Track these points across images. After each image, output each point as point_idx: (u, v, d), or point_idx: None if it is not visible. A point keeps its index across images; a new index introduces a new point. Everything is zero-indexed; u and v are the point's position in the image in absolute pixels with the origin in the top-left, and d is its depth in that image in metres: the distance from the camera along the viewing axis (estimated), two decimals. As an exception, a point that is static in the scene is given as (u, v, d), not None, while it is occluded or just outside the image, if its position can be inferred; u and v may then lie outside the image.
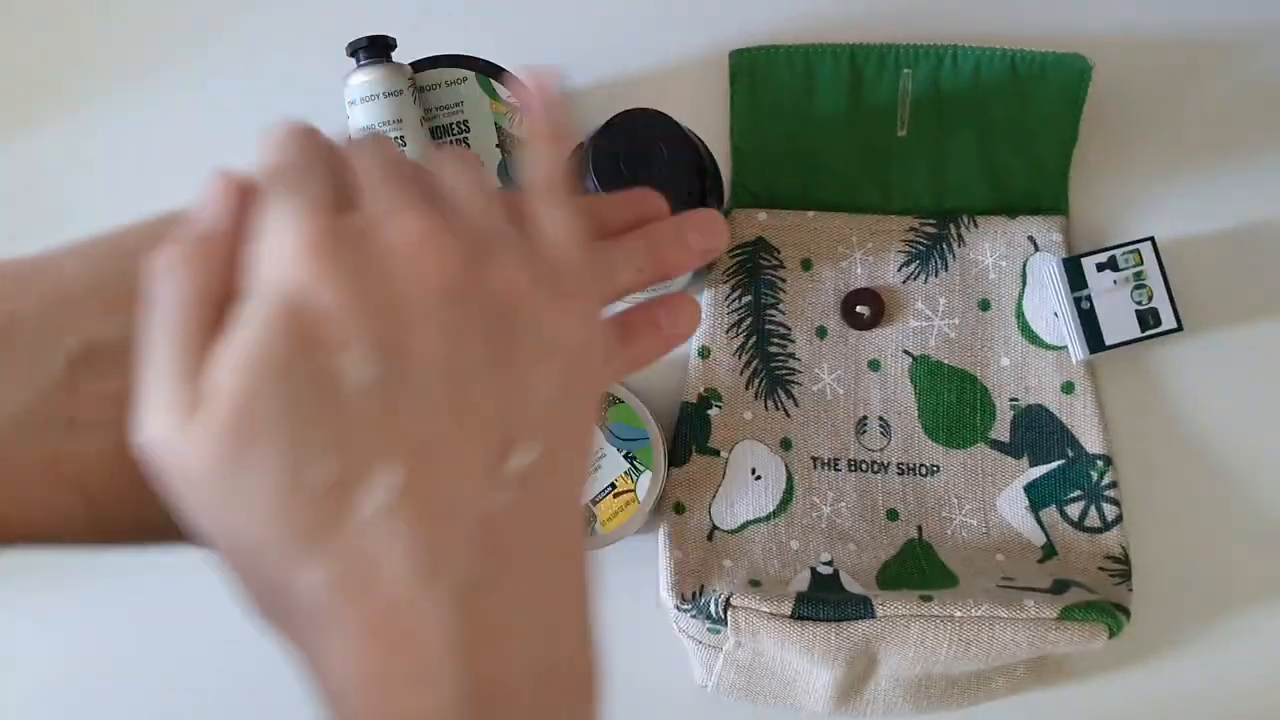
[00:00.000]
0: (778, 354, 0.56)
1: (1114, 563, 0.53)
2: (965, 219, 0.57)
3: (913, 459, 0.56)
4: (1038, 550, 0.54)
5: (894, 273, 0.57)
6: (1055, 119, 0.57)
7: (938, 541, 0.54)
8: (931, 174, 0.58)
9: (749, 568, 0.53)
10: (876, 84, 0.58)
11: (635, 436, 0.54)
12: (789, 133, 0.58)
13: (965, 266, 0.57)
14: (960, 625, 0.48)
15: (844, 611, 0.49)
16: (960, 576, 0.52)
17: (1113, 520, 0.54)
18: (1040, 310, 0.56)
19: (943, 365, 0.56)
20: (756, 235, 0.57)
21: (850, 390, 0.56)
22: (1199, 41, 0.60)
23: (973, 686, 0.52)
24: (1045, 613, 0.48)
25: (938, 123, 0.58)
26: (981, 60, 0.57)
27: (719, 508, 0.55)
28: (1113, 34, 0.59)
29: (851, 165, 0.58)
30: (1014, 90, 0.57)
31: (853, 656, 0.49)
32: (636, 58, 0.60)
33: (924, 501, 0.55)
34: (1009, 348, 0.56)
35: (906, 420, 0.56)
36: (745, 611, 0.49)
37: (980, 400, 0.56)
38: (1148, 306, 0.55)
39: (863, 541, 0.54)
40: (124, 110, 0.61)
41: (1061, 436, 0.55)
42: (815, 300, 0.57)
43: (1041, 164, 0.58)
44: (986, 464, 0.55)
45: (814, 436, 0.56)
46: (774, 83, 0.58)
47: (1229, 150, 0.59)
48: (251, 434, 0.23)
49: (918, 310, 0.57)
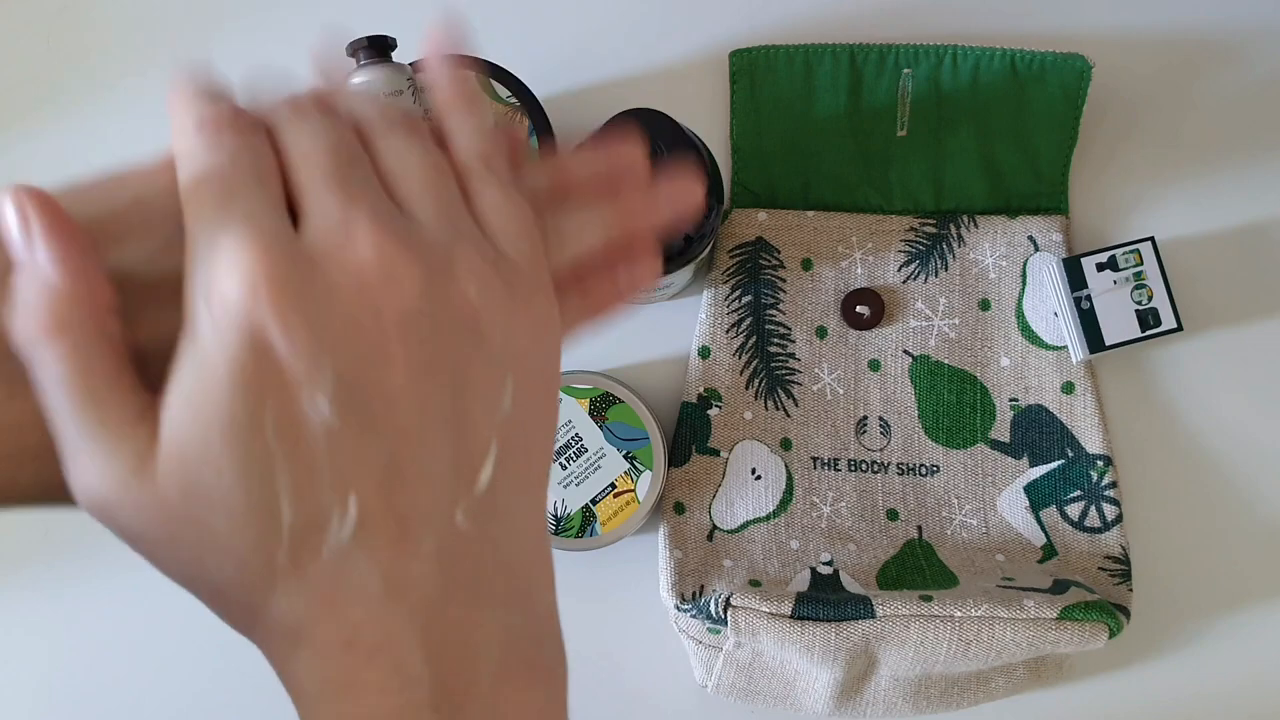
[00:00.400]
0: (778, 354, 0.56)
1: (1114, 563, 0.53)
2: (965, 219, 0.57)
3: (913, 459, 0.56)
4: (1038, 550, 0.54)
5: (894, 273, 0.57)
6: (1055, 119, 0.57)
7: (938, 541, 0.54)
8: (931, 174, 0.58)
9: (749, 568, 0.53)
10: (876, 84, 0.58)
11: (635, 436, 0.54)
12: (789, 133, 0.58)
13: (965, 266, 0.57)
14: (960, 625, 0.48)
15: (844, 611, 0.49)
16: (960, 576, 0.52)
17: (1113, 520, 0.54)
18: (1040, 310, 0.56)
19: (943, 365, 0.56)
20: (756, 235, 0.57)
21: (850, 390, 0.56)
22: (1199, 41, 0.60)
23: (973, 687, 0.52)
24: (1045, 613, 0.48)
25: (938, 123, 0.58)
26: (981, 60, 0.57)
27: (719, 508, 0.55)
28: (1113, 34, 0.59)
29: (851, 165, 0.58)
30: (1014, 90, 0.57)
31: (852, 656, 0.49)
32: (636, 58, 0.60)
33: (924, 501, 0.55)
34: (1009, 348, 0.56)
35: (906, 420, 0.56)
36: (745, 611, 0.49)
37: (980, 400, 0.56)
38: (1148, 306, 0.55)
39: (863, 541, 0.54)
40: (124, 110, 0.61)
41: (1061, 436, 0.55)
42: (815, 300, 0.57)
43: (1041, 164, 0.58)
44: (986, 464, 0.55)
45: (814, 436, 0.56)
46: (774, 83, 0.58)
47: (1229, 150, 0.59)
48: (210, 493, 0.23)
49: (918, 310, 0.57)
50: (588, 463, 0.54)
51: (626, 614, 0.56)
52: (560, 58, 0.60)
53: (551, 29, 0.61)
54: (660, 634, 0.55)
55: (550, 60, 0.60)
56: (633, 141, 0.31)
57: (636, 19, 0.61)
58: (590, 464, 0.54)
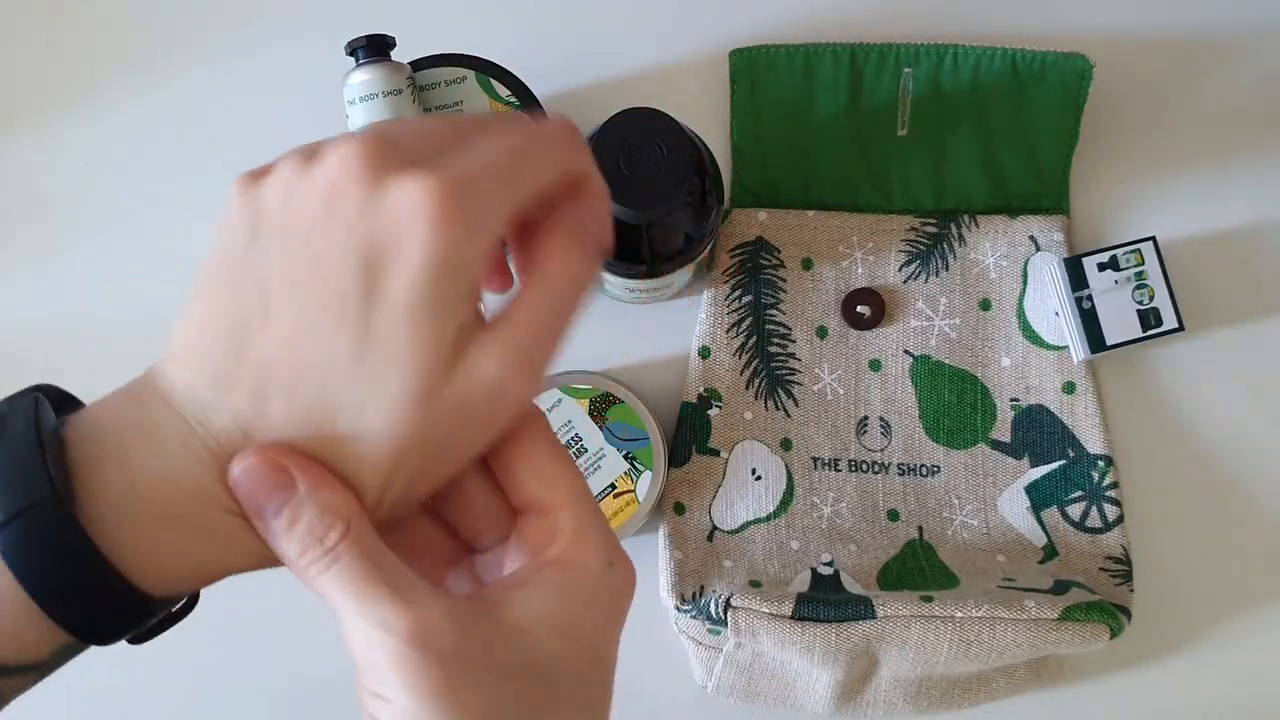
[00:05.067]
0: (778, 354, 0.56)
1: (1115, 563, 0.53)
2: (966, 218, 0.57)
3: (913, 459, 0.55)
4: (1039, 551, 0.54)
5: (894, 272, 0.57)
6: (1056, 118, 0.57)
7: (938, 542, 0.54)
8: (932, 173, 0.58)
9: (749, 568, 0.53)
10: (876, 84, 0.58)
11: (635, 436, 0.54)
12: (789, 132, 0.58)
13: (966, 266, 0.57)
14: (961, 626, 0.48)
15: (844, 612, 0.49)
16: (961, 577, 0.52)
17: (1114, 521, 0.54)
18: (1041, 310, 0.56)
19: (943, 365, 0.56)
20: (756, 235, 0.57)
21: (851, 390, 0.56)
22: (1199, 41, 0.60)
23: (973, 687, 0.52)
24: (1046, 613, 0.48)
25: (938, 122, 0.58)
26: (982, 60, 0.57)
27: (719, 508, 0.55)
28: (1113, 34, 0.59)
29: (852, 165, 0.58)
30: (1015, 90, 0.57)
31: (853, 657, 0.49)
32: (636, 58, 0.60)
33: (925, 502, 0.55)
34: (1010, 348, 0.56)
35: (907, 420, 0.56)
36: (745, 612, 0.49)
37: (981, 400, 0.56)
38: (1149, 306, 0.55)
39: (863, 542, 0.54)
40: (123, 110, 0.61)
41: (1062, 437, 0.55)
42: (816, 300, 0.57)
43: (1042, 163, 0.57)
44: (987, 464, 0.55)
45: (814, 437, 0.56)
46: (774, 83, 0.58)
47: (1230, 150, 0.59)
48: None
49: (918, 310, 0.57)
50: (588, 463, 0.53)
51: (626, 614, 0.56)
52: (560, 58, 0.60)
53: (551, 29, 0.61)
54: (660, 635, 0.55)
55: (550, 60, 0.60)
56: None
57: (636, 19, 0.61)
58: (590, 464, 0.53)
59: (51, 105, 0.61)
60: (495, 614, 0.26)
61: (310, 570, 0.26)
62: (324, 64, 0.58)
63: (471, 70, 0.56)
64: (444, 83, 0.56)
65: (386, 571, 0.26)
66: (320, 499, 0.26)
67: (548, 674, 0.26)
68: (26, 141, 0.61)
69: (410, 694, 0.25)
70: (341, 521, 0.26)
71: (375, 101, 0.53)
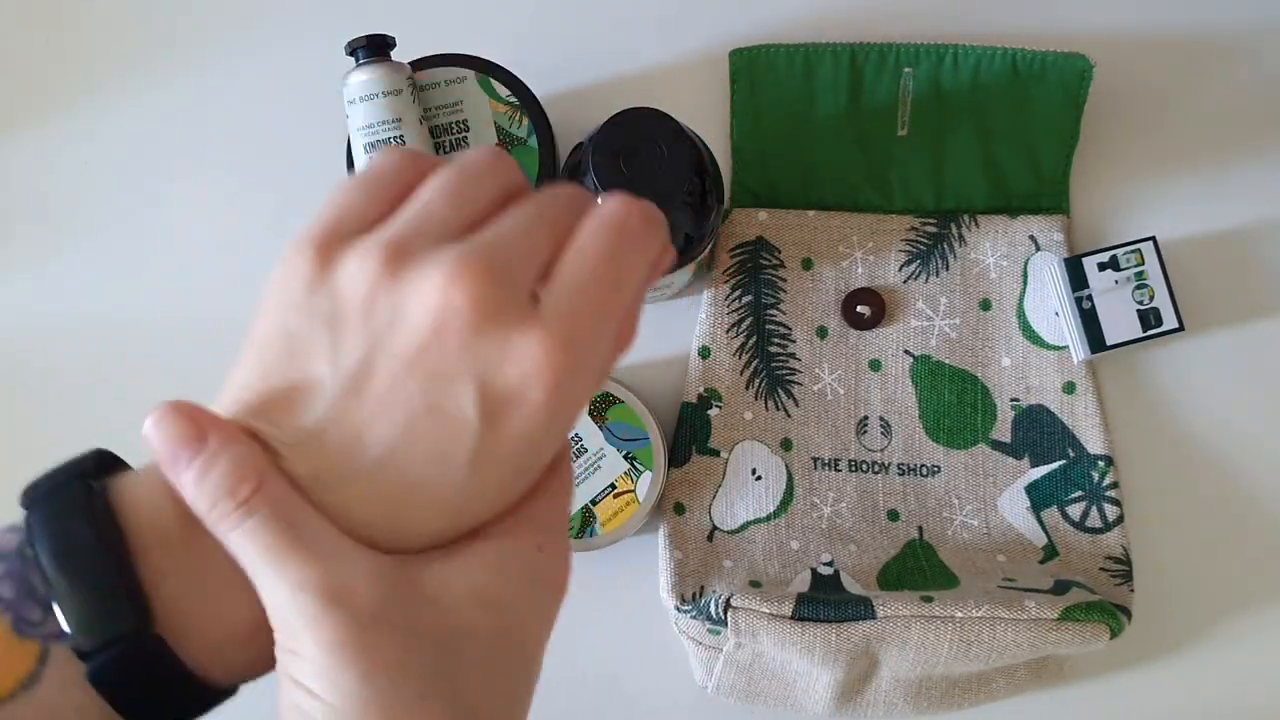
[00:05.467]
0: (778, 354, 0.56)
1: (1115, 563, 0.53)
2: (966, 218, 0.57)
3: (913, 459, 0.55)
4: (1039, 551, 0.54)
5: (894, 272, 0.57)
6: (1056, 118, 0.57)
7: (939, 542, 0.54)
8: (932, 173, 0.58)
9: (749, 568, 0.53)
10: (876, 84, 0.58)
11: (635, 436, 0.54)
12: (789, 133, 0.58)
13: (966, 266, 0.57)
14: (961, 626, 0.48)
15: (844, 612, 0.49)
16: (961, 577, 0.52)
17: (1114, 521, 0.54)
18: (1041, 310, 0.56)
19: (943, 365, 0.56)
20: (756, 235, 0.57)
21: (851, 390, 0.56)
22: (1199, 41, 0.60)
23: (973, 687, 0.52)
24: (1046, 613, 0.48)
25: (938, 122, 0.58)
26: (982, 60, 0.57)
27: (719, 508, 0.55)
28: (1114, 34, 0.59)
29: (852, 165, 0.58)
30: (1015, 90, 0.57)
31: (853, 657, 0.49)
32: (636, 58, 0.60)
33: (925, 502, 0.55)
34: (1010, 347, 0.56)
35: (907, 420, 0.56)
36: (745, 612, 0.49)
37: (981, 400, 0.56)
38: (1149, 306, 0.55)
39: (863, 542, 0.54)
40: (123, 110, 0.61)
41: (1063, 437, 0.55)
42: (816, 300, 0.57)
43: (1042, 163, 0.57)
44: (987, 464, 0.55)
45: (814, 437, 0.56)
46: (774, 83, 0.58)
47: (1229, 150, 0.59)
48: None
49: (918, 310, 0.57)
50: (587, 463, 0.53)
51: (626, 615, 0.56)
52: (560, 58, 0.60)
53: (551, 29, 0.61)
54: (660, 635, 0.55)
55: (550, 60, 0.60)
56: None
57: (636, 19, 0.61)
58: (590, 464, 0.53)
59: (51, 105, 0.61)
60: (417, 578, 0.27)
61: (222, 525, 0.26)
62: (324, 64, 0.58)
63: (471, 70, 0.56)
64: (444, 83, 0.56)
65: (303, 529, 0.26)
66: (234, 452, 0.26)
67: (461, 639, 0.27)
68: (26, 141, 0.61)
69: (321, 649, 0.25)
70: (255, 475, 0.26)
71: (375, 101, 0.53)
